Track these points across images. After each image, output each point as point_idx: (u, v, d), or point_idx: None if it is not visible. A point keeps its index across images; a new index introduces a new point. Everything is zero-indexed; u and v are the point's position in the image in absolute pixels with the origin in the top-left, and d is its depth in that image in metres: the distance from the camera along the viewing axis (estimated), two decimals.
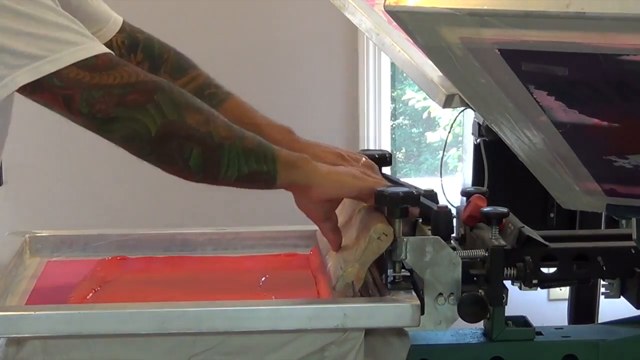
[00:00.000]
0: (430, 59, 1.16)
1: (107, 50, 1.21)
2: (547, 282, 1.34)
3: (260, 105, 1.47)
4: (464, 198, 1.43)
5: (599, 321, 1.98)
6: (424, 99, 3.43)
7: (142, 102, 1.18)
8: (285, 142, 1.34)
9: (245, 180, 1.22)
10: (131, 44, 1.45)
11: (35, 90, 1.18)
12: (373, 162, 1.40)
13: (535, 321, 1.36)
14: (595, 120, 1.06)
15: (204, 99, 1.31)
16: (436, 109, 3.47)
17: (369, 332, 1.21)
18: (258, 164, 1.21)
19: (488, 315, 1.28)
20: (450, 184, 2.34)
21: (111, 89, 1.17)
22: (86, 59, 1.17)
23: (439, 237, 1.25)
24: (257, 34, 3.22)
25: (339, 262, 1.29)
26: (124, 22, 1.47)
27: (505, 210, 1.32)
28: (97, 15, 1.42)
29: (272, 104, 3.30)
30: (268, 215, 3.26)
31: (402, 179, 1.61)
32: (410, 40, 1.08)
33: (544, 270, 1.33)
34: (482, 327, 1.36)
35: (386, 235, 1.21)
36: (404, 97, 3.55)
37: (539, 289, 1.33)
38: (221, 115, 1.24)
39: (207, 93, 1.43)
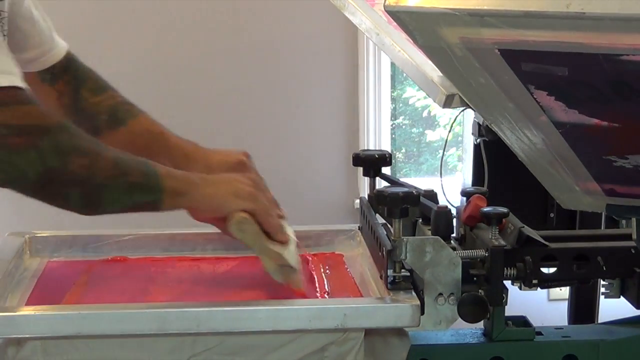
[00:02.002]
0: (430, 59, 1.16)
1: (17, 84, 1.19)
2: (547, 282, 1.34)
3: (260, 105, 1.48)
4: (464, 198, 1.43)
5: (599, 321, 1.98)
6: (424, 97, 3.43)
7: (24, 148, 1.16)
8: (191, 153, 1.42)
9: (129, 210, 1.26)
10: (65, 68, 1.47)
11: None
12: (259, 178, 1.40)
13: (535, 321, 1.36)
14: (595, 120, 1.06)
15: (119, 114, 1.43)
16: (436, 107, 3.47)
17: (369, 332, 1.21)
18: (143, 196, 1.25)
19: (488, 315, 1.28)
20: (450, 184, 2.34)
21: None
22: None
23: (439, 237, 1.25)
24: (257, 34, 3.21)
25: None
26: (67, 50, 1.48)
27: (505, 210, 1.32)
28: (42, 40, 1.43)
29: (273, 103, 3.33)
30: None
31: (402, 179, 1.61)
32: (410, 40, 1.08)
33: (544, 270, 1.33)
34: (482, 327, 1.36)
35: (244, 224, 1.28)
36: (405, 95, 3.55)
37: (539, 289, 1.33)
38: (111, 150, 1.24)
39: (123, 109, 1.47)
